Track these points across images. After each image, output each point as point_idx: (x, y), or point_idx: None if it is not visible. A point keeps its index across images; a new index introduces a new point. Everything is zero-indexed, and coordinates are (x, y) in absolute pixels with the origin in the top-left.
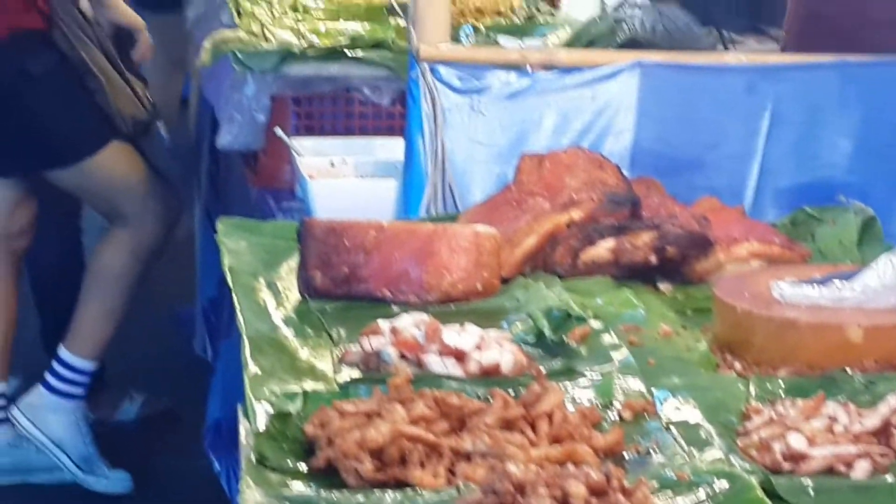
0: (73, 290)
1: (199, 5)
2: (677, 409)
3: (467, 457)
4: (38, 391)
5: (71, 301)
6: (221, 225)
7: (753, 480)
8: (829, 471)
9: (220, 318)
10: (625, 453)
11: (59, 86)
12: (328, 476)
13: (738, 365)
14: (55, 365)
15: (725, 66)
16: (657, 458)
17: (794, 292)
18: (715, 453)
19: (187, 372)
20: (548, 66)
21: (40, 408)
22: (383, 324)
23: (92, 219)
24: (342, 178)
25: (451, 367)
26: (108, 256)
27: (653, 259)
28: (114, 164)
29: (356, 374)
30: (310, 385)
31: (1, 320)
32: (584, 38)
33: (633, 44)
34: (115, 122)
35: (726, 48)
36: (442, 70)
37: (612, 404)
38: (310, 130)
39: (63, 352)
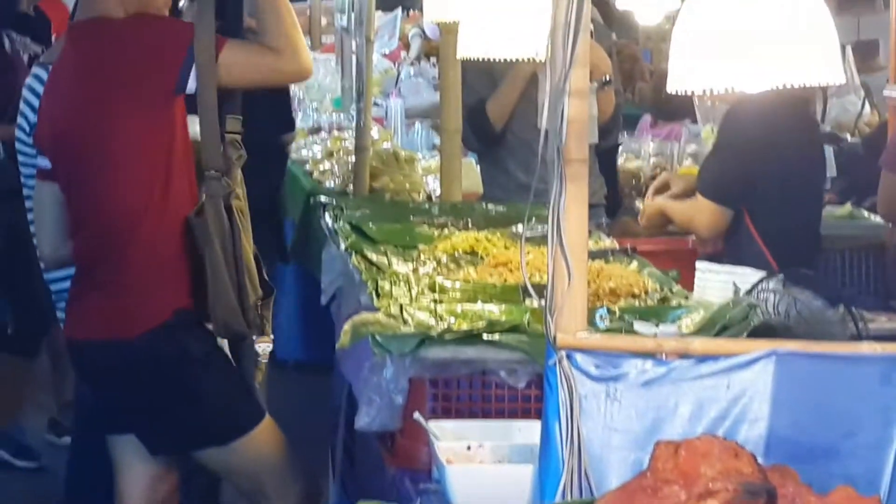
0: None
1: (335, 281)
2: None
3: None
4: None
5: None
6: None
7: None
8: None
9: None
10: None
11: (216, 367)
12: None
13: None
14: None
15: (861, 356)
16: None
17: None
18: None
19: None
20: (683, 355)
21: None
22: None
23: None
24: (479, 464)
25: None
26: None
27: None
28: (261, 442)
29: None
30: None
31: None
32: (719, 322)
33: (766, 328)
34: (262, 404)
35: (858, 329)
36: (579, 357)
37: None
38: (446, 412)
39: None
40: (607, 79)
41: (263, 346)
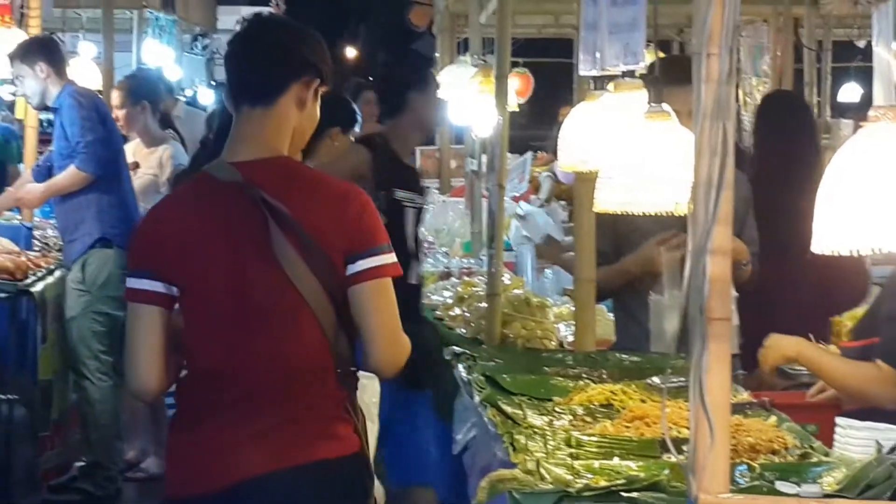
0: None
1: (468, 432)
2: None
3: None
4: None
5: None
6: None
7: None
8: None
9: None
10: None
11: None
12: None
13: None
14: None
15: None
16: None
17: None
18: None
19: None
20: None
21: None
22: None
23: None
24: None
25: None
26: None
27: None
28: None
29: None
30: None
31: None
32: (862, 482)
33: None
34: None
35: None
36: None
37: None
38: None
39: None
40: (745, 262)
41: None
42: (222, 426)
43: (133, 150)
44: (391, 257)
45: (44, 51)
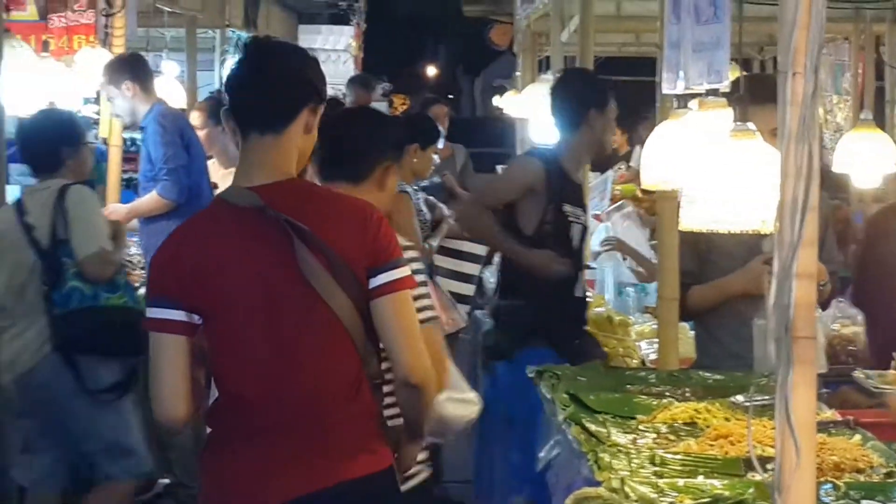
0: None
1: (551, 449)
2: None
3: None
4: None
5: None
6: None
7: None
8: None
9: None
10: None
11: None
12: None
13: None
14: None
15: None
16: None
17: None
18: None
19: None
20: None
21: None
22: None
23: None
24: None
25: None
26: None
27: None
28: None
29: None
30: None
31: None
32: None
33: None
34: None
35: None
36: None
37: None
38: None
39: None
40: (823, 283)
41: None
42: (256, 449)
43: (210, 170)
44: (408, 270)
45: (129, 69)
